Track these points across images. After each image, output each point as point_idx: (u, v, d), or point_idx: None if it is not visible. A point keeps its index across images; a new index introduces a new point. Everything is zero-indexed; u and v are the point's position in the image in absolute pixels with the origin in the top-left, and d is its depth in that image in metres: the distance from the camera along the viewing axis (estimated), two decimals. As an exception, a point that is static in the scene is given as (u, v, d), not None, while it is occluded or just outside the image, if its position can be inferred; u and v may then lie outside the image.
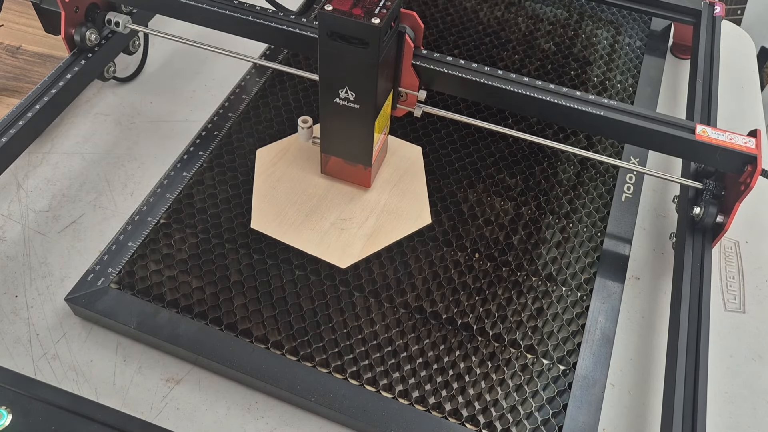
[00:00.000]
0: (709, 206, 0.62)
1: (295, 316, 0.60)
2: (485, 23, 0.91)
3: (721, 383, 0.60)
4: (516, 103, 0.63)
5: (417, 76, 0.64)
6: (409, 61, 0.62)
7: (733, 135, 0.60)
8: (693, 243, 0.62)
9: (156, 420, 0.55)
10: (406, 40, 0.61)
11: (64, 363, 0.58)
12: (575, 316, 0.62)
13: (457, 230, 0.68)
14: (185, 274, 0.63)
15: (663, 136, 0.61)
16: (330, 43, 0.56)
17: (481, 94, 0.64)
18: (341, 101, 0.60)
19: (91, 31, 0.72)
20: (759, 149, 0.59)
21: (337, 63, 0.58)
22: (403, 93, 0.65)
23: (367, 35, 0.55)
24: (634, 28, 0.92)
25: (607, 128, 0.62)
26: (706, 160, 0.61)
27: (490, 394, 0.57)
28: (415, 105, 0.66)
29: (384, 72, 0.59)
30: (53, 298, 0.63)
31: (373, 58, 0.56)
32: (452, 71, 0.63)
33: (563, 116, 0.63)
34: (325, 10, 0.55)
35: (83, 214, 0.70)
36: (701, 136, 0.60)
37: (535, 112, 0.64)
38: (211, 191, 0.70)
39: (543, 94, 0.62)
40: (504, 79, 0.63)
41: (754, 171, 0.58)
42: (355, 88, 0.59)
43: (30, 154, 0.74)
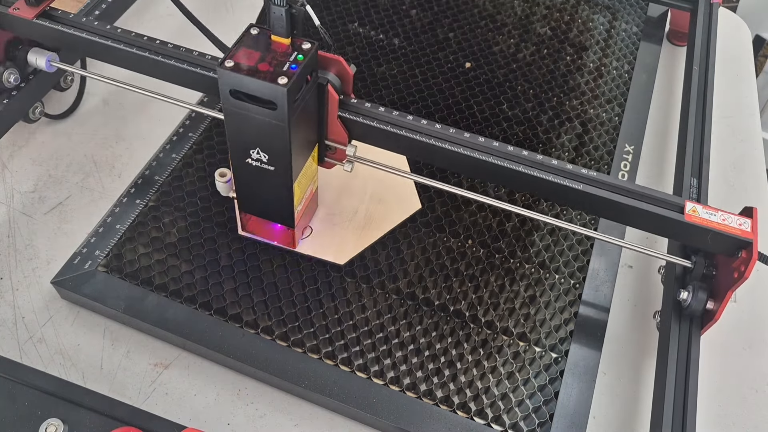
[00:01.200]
0: (698, 291, 0.55)
1: (286, 302, 0.60)
2: (480, 6, 0.89)
3: (712, 372, 0.60)
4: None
5: (345, 129, 0.56)
6: (335, 114, 0.55)
7: (726, 215, 0.54)
8: (679, 331, 0.56)
9: (144, 405, 0.55)
10: (329, 91, 0.53)
11: (50, 347, 0.58)
12: (568, 303, 0.62)
13: (449, 216, 0.67)
14: (174, 257, 0.62)
15: (647, 215, 0.54)
16: (234, 102, 0.50)
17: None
18: (253, 162, 0.53)
19: (10, 71, 0.64)
20: (755, 232, 0.52)
21: (243, 123, 0.51)
22: (331, 146, 0.57)
23: (273, 96, 0.48)
24: (631, 14, 0.91)
25: (584, 202, 0.55)
26: (695, 242, 0.55)
27: (482, 382, 0.56)
28: (345, 159, 0.57)
29: (301, 130, 0.52)
30: (39, 281, 0.62)
31: (282, 119, 0.49)
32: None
33: (527, 185, 0.55)
34: (225, 65, 0.48)
35: (70, 195, 0.68)
36: (691, 217, 0.53)
37: (490, 177, 0.57)
38: (201, 174, 0.69)
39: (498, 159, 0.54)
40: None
41: (749, 258, 0.51)
42: (267, 149, 0.52)
43: (15, 134, 0.73)
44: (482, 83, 0.80)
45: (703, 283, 0.56)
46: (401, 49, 0.83)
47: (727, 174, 0.77)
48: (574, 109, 0.79)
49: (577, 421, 0.55)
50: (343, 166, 0.58)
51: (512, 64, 0.83)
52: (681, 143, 0.69)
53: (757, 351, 0.62)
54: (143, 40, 0.60)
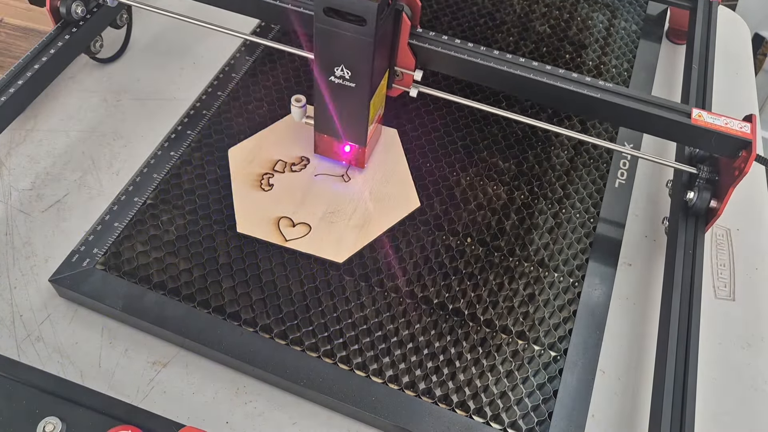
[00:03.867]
0: (702, 191, 0.62)
1: (285, 300, 0.59)
2: (480, 4, 0.89)
3: (710, 370, 0.60)
4: (511, 84, 0.63)
5: (413, 55, 0.62)
6: (406, 40, 0.61)
7: (729, 119, 0.60)
8: (686, 227, 0.62)
9: (142, 403, 0.54)
10: (403, 18, 0.60)
11: (48, 345, 0.57)
12: (567, 302, 0.62)
13: (449, 214, 0.67)
14: (173, 255, 0.62)
15: (659, 119, 0.60)
16: (326, 19, 0.55)
17: (478, 74, 0.63)
18: (336, 79, 0.59)
19: (77, 3, 0.70)
20: (754, 134, 0.59)
21: (332, 40, 0.56)
22: (399, 72, 0.64)
23: (364, 12, 0.54)
24: (630, 12, 0.91)
25: (603, 111, 0.62)
26: (701, 144, 0.61)
27: (481, 380, 0.56)
28: (411, 85, 0.64)
29: (380, 51, 0.58)
30: (37, 278, 0.61)
31: (369, 35, 0.55)
32: (449, 51, 0.62)
33: (558, 98, 0.62)
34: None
35: (68, 193, 0.68)
36: (697, 120, 0.60)
37: (531, 93, 0.63)
38: (200, 171, 0.68)
39: (539, 75, 0.62)
40: (500, 59, 0.63)
41: (749, 156, 0.57)
42: (351, 66, 0.58)
43: (12, 131, 0.72)
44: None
45: (707, 184, 0.62)
46: (400, 46, 0.83)
47: (726, 172, 0.77)
48: (573, 107, 0.79)
49: (576, 420, 0.55)
50: (409, 91, 0.65)
51: (511, 62, 0.83)
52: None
53: (756, 350, 0.62)
54: None
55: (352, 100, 0.61)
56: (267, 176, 0.68)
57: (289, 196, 0.67)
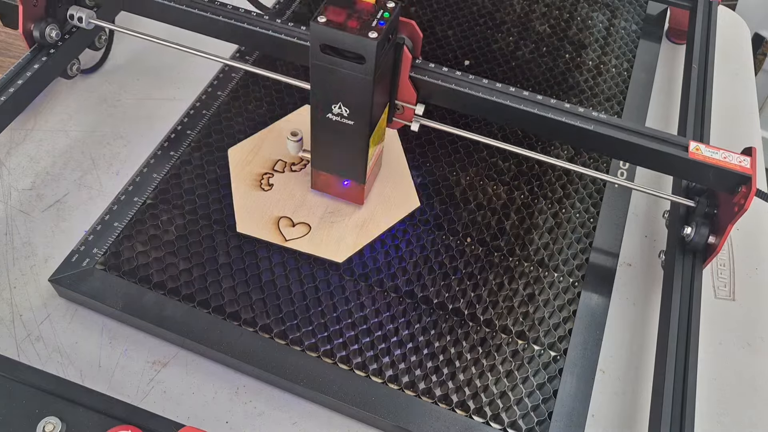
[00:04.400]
0: (700, 227, 0.59)
1: (285, 300, 0.59)
2: (480, 4, 0.89)
3: (710, 370, 0.60)
4: (510, 118, 0.60)
5: (415, 89, 0.60)
6: (407, 74, 0.59)
7: (728, 153, 0.57)
8: (683, 264, 0.60)
9: (142, 403, 0.54)
10: (404, 51, 0.57)
11: (48, 345, 0.57)
12: (566, 302, 0.62)
13: (448, 214, 0.67)
14: (172, 255, 0.62)
15: (654, 153, 0.58)
16: (323, 56, 0.53)
17: (479, 109, 0.61)
18: (334, 117, 0.57)
19: (51, 26, 0.66)
20: (754, 169, 0.56)
21: (330, 78, 0.54)
22: (399, 106, 0.61)
23: (363, 50, 0.51)
24: (630, 12, 0.91)
25: (596, 143, 0.59)
26: (698, 179, 0.59)
27: (481, 380, 0.56)
28: (412, 119, 0.62)
29: (380, 86, 0.56)
30: (37, 278, 0.61)
31: (369, 73, 0.52)
32: (451, 84, 0.59)
33: (551, 129, 0.59)
34: (318, 21, 0.51)
35: (68, 193, 0.68)
36: (694, 154, 0.57)
37: (527, 125, 0.61)
38: (199, 171, 0.68)
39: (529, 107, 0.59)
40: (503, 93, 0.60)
41: (749, 192, 0.55)
42: (349, 104, 0.56)
43: (12, 130, 0.72)
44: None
45: (705, 219, 0.60)
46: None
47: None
48: (573, 107, 0.79)
49: (576, 420, 0.55)
50: (410, 125, 0.62)
51: (511, 61, 0.83)
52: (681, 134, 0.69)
53: (756, 349, 0.62)
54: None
55: (350, 138, 0.58)
56: (267, 176, 0.68)
57: (288, 196, 0.67)
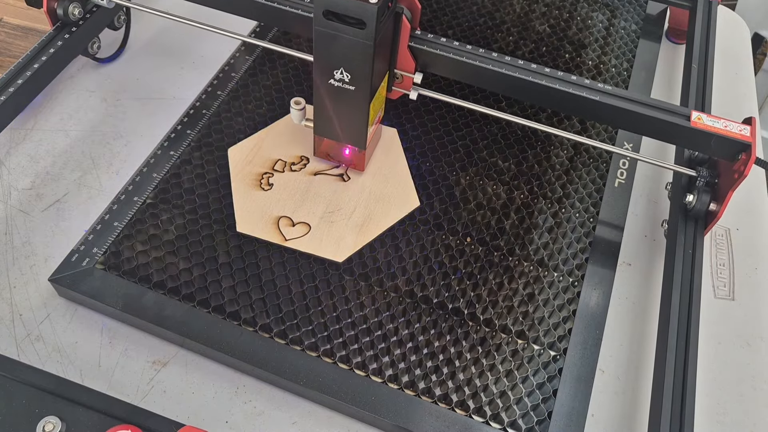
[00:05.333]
0: (702, 194, 0.62)
1: (284, 299, 0.59)
2: (479, 3, 0.89)
3: (710, 370, 0.60)
4: (509, 86, 0.63)
5: (413, 58, 0.62)
6: (406, 43, 0.61)
7: (728, 122, 0.60)
8: (685, 230, 0.62)
9: (142, 403, 0.54)
10: (403, 21, 0.59)
11: (48, 344, 0.57)
12: (566, 301, 0.62)
13: (448, 214, 0.67)
14: (172, 255, 0.62)
15: (658, 122, 0.60)
16: (325, 22, 0.55)
17: (477, 77, 0.63)
18: (336, 83, 0.59)
19: (74, 4, 0.70)
20: (753, 137, 0.59)
21: (332, 43, 0.56)
22: (398, 75, 0.64)
23: (363, 15, 0.53)
24: (630, 12, 0.91)
25: (602, 113, 0.62)
26: (700, 147, 0.61)
27: (480, 380, 0.56)
28: (411, 87, 0.64)
29: (380, 53, 0.58)
30: (37, 278, 0.61)
31: (369, 38, 0.55)
32: (449, 53, 0.62)
33: (557, 100, 0.62)
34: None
35: (67, 192, 0.68)
36: (696, 123, 0.60)
37: (530, 96, 0.63)
38: (199, 171, 0.68)
39: (538, 78, 0.62)
40: (498, 61, 0.62)
41: (748, 159, 0.57)
42: (351, 69, 0.58)
43: (12, 130, 0.72)
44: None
45: (706, 187, 0.62)
46: (400, 46, 0.83)
47: (726, 172, 0.77)
48: (572, 107, 0.79)
49: (576, 420, 0.55)
50: (409, 94, 0.64)
51: (511, 61, 0.83)
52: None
53: (755, 349, 0.62)
54: None
55: (351, 103, 0.60)
56: (267, 176, 0.68)
57: (288, 196, 0.67)
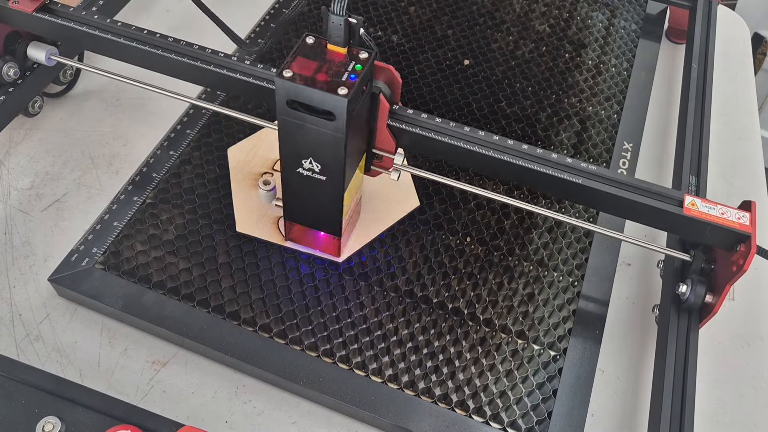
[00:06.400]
0: (696, 285, 0.55)
1: (284, 299, 0.59)
2: (479, 3, 0.89)
3: (710, 369, 0.60)
4: (490, 167, 0.56)
5: (393, 138, 0.56)
6: (385, 123, 0.55)
7: (725, 209, 0.54)
8: (678, 323, 0.56)
9: (142, 403, 0.54)
10: (380, 100, 0.53)
11: (47, 344, 0.57)
12: (566, 301, 0.62)
13: (448, 214, 0.67)
14: (172, 255, 0.62)
15: (646, 208, 0.54)
16: (290, 111, 0.49)
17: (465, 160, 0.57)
18: (305, 171, 0.53)
19: (9, 65, 0.64)
20: (753, 226, 0.52)
21: (298, 133, 0.51)
22: (378, 155, 0.57)
23: (333, 107, 0.47)
24: (630, 12, 0.91)
25: (583, 196, 0.56)
26: (694, 235, 0.55)
27: (480, 379, 0.56)
28: (391, 167, 0.57)
29: (353, 140, 0.52)
30: (36, 278, 0.61)
31: (339, 131, 0.49)
32: (430, 134, 0.55)
33: (537, 181, 0.56)
34: (284, 75, 0.47)
35: (67, 192, 0.68)
36: (690, 210, 0.53)
37: (510, 176, 0.57)
38: (199, 171, 0.68)
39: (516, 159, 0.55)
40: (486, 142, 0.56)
41: (748, 252, 0.51)
42: (321, 159, 0.52)
43: (12, 130, 0.72)
44: (481, 80, 0.80)
45: (701, 276, 0.56)
46: (400, 46, 0.83)
47: (726, 172, 0.76)
48: (572, 107, 0.79)
49: (575, 419, 0.55)
50: (389, 174, 0.58)
51: (511, 61, 0.83)
52: (680, 141, 0.69)
53: (755, 349, 0.62)
54: (143, 33, 0.60)
55: (323, 193, 0.54)
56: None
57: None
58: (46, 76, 0.70)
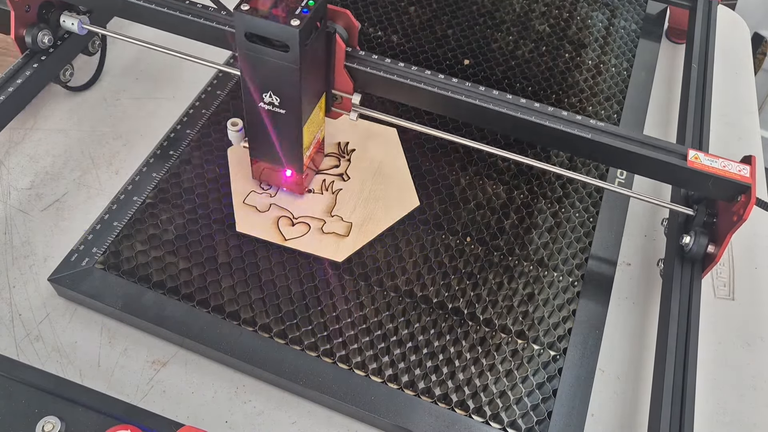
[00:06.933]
0: (699, 236, 0.58)
1: (284, 299, 0.59)
2: (479, 3, 0.89)
3: (710, 370, 0.60)
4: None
5: (351, 79, 0.59)
6: (342, 63, 0.58)
7: (727, 162, 0.57)
8: (681, 273, 0.59)
9: (142, 403, 0.54)
10: (336, 40, 0.56)
11: (47, 344, 0.57)
12: (566, 301, 0.62)
13: (448, 214, 0.67)
14: (172, 254, 0.62)
15: (652, 161, 0.57)
16: (248, 45, 0.53)
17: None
18: (266, 105, 0.56)
19: (44, 32, 0.67)
20: (753, 178, 0.55)
21: (257, 65, 0.54)
22: (337, 96, 0.60)
23: (286, 38, 0.51)
24: (630, 11, 0.91)
25: (593, 151, 0.58)
26: (697, 187, 0.58)
27: (480, 379, 0.56)
28: (350, 108, 0.61)
29: (310, 75, 0.55)
30: (36, 278, 0.61)
31: (294, 62, 0.52)
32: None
33: (541, 136, 0.58)
34: (241, 9, 0.51)
35: (67, 192, 0.68)
36: (693, 163, 0.56)
37: (501, 127, 0.59)
38: (199, 170, 0.68)
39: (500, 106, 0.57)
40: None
41: (748, 201, 0.54)
42: (279, 92, 0.55)
43: (12, 130, 0.72)
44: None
45: (704, 228, 0.59)
46: (400, 45, 0.83)
47: (726, 172, 0.76)
48: (572, 107, 0.79)
49: (575, 419, 0.55)
50: (348, 115, 0.61)
51: (511, 61, 0.83)
52: (680, 141, 0.69)
53: (755, 349, 0.62)
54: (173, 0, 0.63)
55: (284, 127, 0.57)
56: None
57: (288, 195, 0.67)
58: (78, 44, 0.73)
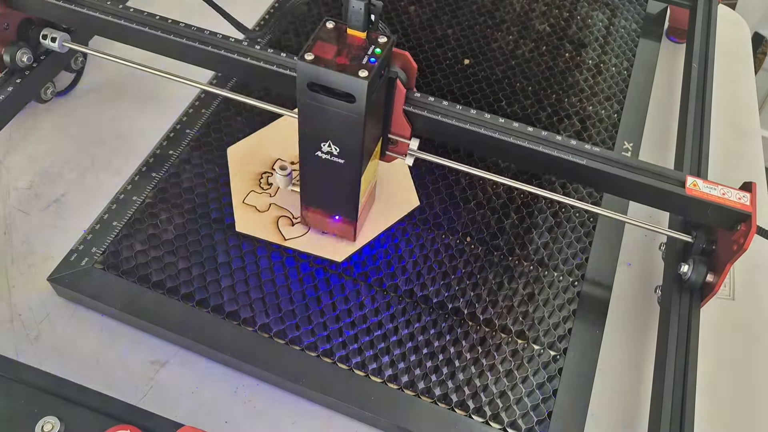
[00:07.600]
0: (698, 265, 0.57)
1: (284, 299, 0.59)
2: (479, 2, 0.89)
3: (710, 369, 0.60)
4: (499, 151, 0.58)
5: (409, 123, 0.57)
6: (401, 108, 0.56)
7: (726, 189, 0.55)
8: (680, 303, 0.58)
9: (141, 403, 0.54)
10: (397, 85, 0.54)
11: (47, 344, 0.57)
12: (566, 301, 0.62)
13: (448, 213, 0.67)
14: (171, 254, 0.62)
15: (649, 189, 0.55)
16: (311, 94, 0.50)
17: (481, 147, 0.59)
18: (324, 155, 0.54)
19: (23, 51, 0.65)
20: (754, 206, 0.54)
21: (318, 116, 0.52)
22: (393, 140, 0.59)
23: (352, 89, 0.49)
24: (630, 11, 0.91)
25: (588, 178, 0.57)
26: (695, 215, 0.56)
27: (480, 380, 0.56)
28: (406, 152, 0.59)
29: (371, 124, 0.53)
30: (36, 278, 0.61)
31: (359, 113, 0.50)
32: (448, 120, 0.56)
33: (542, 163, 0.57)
34: (305, 59, 0.49)
35: (66, 192, 0.68)
36: (691, 191, 0.55)
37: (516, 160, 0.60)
38: (199, 170, 0.68)
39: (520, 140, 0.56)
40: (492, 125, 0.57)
41: (749, 231, 0.52)
42: (340, 142, 0.53)
43: (11, 129, 0.72)
44: (481, 80, 0.80)
45: (703, 256, 0.58)
46: (399, 45, 0.83)
47: (726, 172, 0.76)
48: (572, 106, 0.79)
49: (576, 419, 0.55)
50: (404, 159, 0.59)
51: (511, 60, 0.82)
52: (680, 141, 0.69)
53: (755, 349, 0.62)
54: (155, 19, 0.61)
55: (341, 176, 0.56)
56: (266, 175, 0.68)
57: (288, 195, 0.67)
58: (59, 62, 0.71)
